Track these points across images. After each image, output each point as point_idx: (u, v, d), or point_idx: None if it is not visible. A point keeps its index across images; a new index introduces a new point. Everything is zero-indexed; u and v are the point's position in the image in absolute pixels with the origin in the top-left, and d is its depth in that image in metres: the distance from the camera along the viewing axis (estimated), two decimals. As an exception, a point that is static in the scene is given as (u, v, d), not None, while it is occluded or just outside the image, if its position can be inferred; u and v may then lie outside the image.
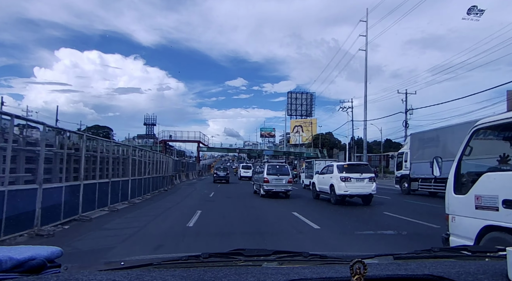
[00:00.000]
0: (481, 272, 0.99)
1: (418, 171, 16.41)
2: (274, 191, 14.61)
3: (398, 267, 1.05)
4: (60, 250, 0.97)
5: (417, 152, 16.98)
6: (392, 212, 10.81)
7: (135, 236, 6.76)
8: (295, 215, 9.83)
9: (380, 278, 0.95)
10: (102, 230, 7.24)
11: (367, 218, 9.61)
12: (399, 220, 9.37)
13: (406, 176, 18.13)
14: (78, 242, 6.06)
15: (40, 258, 0.87)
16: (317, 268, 1.02)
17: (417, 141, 17.30)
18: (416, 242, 6.24)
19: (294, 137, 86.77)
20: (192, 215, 9.12)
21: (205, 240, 6.51)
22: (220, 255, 1.18)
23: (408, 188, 17.86)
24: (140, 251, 5.14)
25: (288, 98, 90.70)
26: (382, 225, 8.33)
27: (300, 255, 1.19)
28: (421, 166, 15.78)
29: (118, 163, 11.96)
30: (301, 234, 7.30)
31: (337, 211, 11.27)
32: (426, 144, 16.07)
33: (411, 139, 18.13)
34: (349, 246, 6.15)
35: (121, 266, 1.04)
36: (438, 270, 0.99)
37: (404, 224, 8.63)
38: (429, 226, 8.11)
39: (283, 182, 14.92)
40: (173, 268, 1.02)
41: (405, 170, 18.18)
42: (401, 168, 18.78)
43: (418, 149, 17.12)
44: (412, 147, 17.60)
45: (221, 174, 28.06)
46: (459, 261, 1.18)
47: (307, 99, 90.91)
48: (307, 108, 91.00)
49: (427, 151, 15.42)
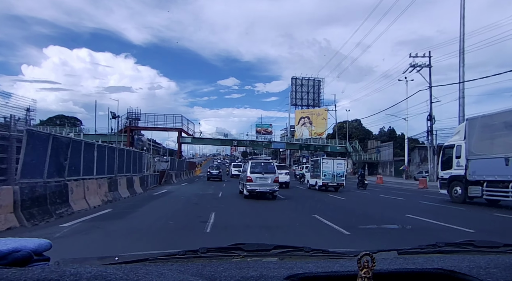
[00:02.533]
0: (492, 266, 0.98)
1: (482, 170, 12.88)
2: (258, 191, 13.73)
3: (406, 261, 1.04)
4: (49, 242, 0.92)
5: (480, 144, 13.08)
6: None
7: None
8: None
9: (390, 272, 0.94)
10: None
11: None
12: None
13: (460, 178, 13.91)
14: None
15: (25, 250, 0.82)
16: (321, 263, 1.00)
17: (479, 129, 13.20)
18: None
19: (300, 130, 73.87)
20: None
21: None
22: (219, 249, 1.17)
23: (463, 194, 13.77)
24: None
25: (292, 84, 77.42)
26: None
27: (302, 250, 1.19)
28: (488, 164, 12.58)
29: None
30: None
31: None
32: (496, 132, 12.39)
33: (469, 126, 13.68)
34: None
35: (116, 261, 1.06)
36: (447, 264, 0.98)
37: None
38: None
39: (269, 181, 13.92)
40: (170, 263, 1.03)
41: (458, 170, 14.07)
42: (449, 167, 14.61)
43: (481, 140, 13.10)
44: (470, 137, 13.49)
45: (214, 173, 29.98)
46: (466, 255, 1.16)
47: (314, 86, 77.50)
48: (314, 96, 77.96)
49: (499, 142, 12.18)
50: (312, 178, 21.08)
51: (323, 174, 19.30)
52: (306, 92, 76.52)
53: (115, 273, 0.69)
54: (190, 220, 8.44)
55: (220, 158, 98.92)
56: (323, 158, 20.79)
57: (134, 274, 0.70)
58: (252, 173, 13.93)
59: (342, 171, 19.58)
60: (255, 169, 14.11)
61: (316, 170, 20.16)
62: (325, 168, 19.37)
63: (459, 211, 11.52)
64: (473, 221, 9.69)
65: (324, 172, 19.31)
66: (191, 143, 54.86)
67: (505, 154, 11.83)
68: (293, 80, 76.60)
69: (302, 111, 76.41)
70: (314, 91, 76.40)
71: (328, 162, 19.54)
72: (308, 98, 76.52)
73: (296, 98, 76.25)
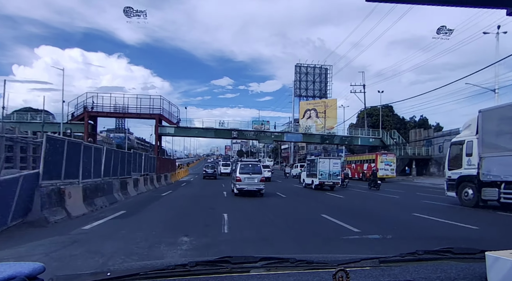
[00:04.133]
0: (461, 276, 1.07)
1: (500, 169, 11.38)
2: (247, 189, 15.51)
3: (382, 273, 1.11)
4: (42, 265, 0.96)
5: (496, 139, 11.52)
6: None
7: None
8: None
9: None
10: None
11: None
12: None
13: (471, 179, 12.55)
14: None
15: (20, 276, 0.86)
16: (302, 275, 1.09)
17: (496, 121, 11.64)
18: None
19: (305, 124, 65.19)
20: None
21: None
22: (206, 263, 1.23)
23: (475, 197, 12.37)
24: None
25: (296, 73, 69.07)
26: None
27: (287, 261, 1.25)
28: (507, 162, 11.02)
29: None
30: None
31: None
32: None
33: (483, 118, 12.11)
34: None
35: (108, 277, 1.09)
36: (420, 276, 1.07)
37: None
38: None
39: (255, 181, 15.76)
40: (160, 278, 1.10)
41: (469, 169, 12.73)
42: (458, 166, 13.27)
43: (499, 134, 11.49)
44: (484, 131, 11.98)
45: (209, 171, 32.67)
46: (441, 264, 1.24)
47: (320, 74, 68.92)
48: (320, 86, 69.57)
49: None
50: (308, 177, 22.06)
51: (319, 173, 20.21)
52: (312, 81, 67.94)
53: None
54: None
55: (214, 157, 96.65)
56: (319, 158, 21.95)
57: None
58: (240, 174, 15.79)
59: (338, 170, 20.62)
60: (244, 170, 16.01)
61: (313, 170, 21.24)
62: (322, 167, 20.29)
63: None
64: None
65: (321, 171, 20.22)
66: (174, 134, 42.14)
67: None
68: (297, 68, 68.10)
69: (308, 102, 68.05)
70: (321, 80, 67.88)
71: (324, 161, 20.58)
72: (314, 88, 68.00)
73: (300, 88, 67.59)
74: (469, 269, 1.12)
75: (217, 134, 42.85)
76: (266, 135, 44.80)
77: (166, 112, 38.20)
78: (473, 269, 1.11)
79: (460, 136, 13.56)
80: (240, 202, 13.57)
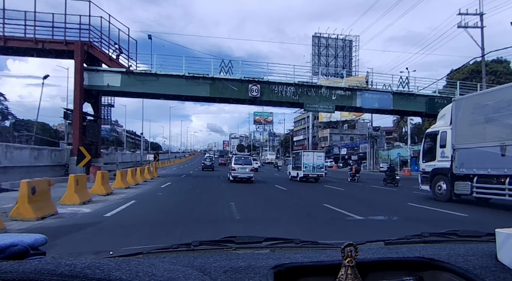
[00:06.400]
0: (470, 254, 1.09)
1: (472, 162, 11.22)
2: (240, 177, 19.88)
3: (389, 251, 1.16)
4: (45, 237, 0.99)
5: (469, 130, 11.39)
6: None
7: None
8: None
9: (372, 261, 1.05)
10: None
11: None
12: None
13: (445, 172, 12.33)
14: None
15: (22, 245, 0.89)
16: (308, 253, 1.12)
17: (469, 111, 11.48)
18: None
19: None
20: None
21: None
22: (210, 242, 1.28)
23: (448, 191, 12.19)
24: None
25: (314, 46, 55.84)
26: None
27: (292, 242, 1.31)
28: (479, 154, 10.85)
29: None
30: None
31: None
32: (491, 114, 10.62)
33: (457, 108, 11.97)
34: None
35: (110, 255, 1.14)
36: (428, 253, 1.10)
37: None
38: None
39: (247, 170, 20.03)
40: (163, 255, 1.12)
41: (442, 161, 12.48)
42: (432, 158, 13.05)
43: (472, 124, 11.33)
44: (458, 121, 11.88)
45: (207, 164, 37.56)
46: (449, 244, 1.30)
47: (344, 47, 56.01)
48: (344, 62, 56.20)
49: (493, 127, 10.43)
50: (294, 170, 23.80)
51: (304, 166, 21.49)
52: (334, 56, 55.20)
53: (108, 264, 0.77)
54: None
55: (211, 152, 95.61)
56: (304, 151, 23.33)
57: (126, 265, 0.78)
58: (235, 164, 20.16)
59: (322, 163, 22.05)
60: (237, 162, 20.40)
61: (297, 162, 22.88)
62: (306, 160, 21.54)
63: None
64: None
65: (305, 164, 21.44)
66: (121, 91, 21.51)
67: (501, 141, 9.14)
68: (315, 39, 55.38)
69: (330, 81, 56.35)
70: (344, 54, 55.28)
71: (308, 154, 22.16)
72: (336, 65, 55.15)
73: (319, 65, 53.86)
74: (478, 248, 1.16)
75: (213, 90, 21.92)
76: (320, 94, 23.47)
77: (97, 44, 20.78)
78: (482, 248, 1.16)
79: (434, 126, 14.18)
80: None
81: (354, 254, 0.90)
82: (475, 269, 0.98)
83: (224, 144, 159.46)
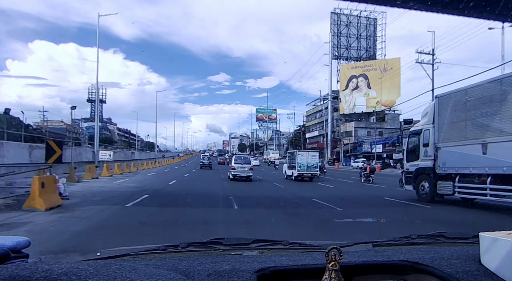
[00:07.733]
0: (454, 257, 1.12)
1: (454, 161, 10.97)
2: (239, 175, 21.15)
3: (375, 254, 1.19)
4: (27, 240, 1.01)
5: (451, 128, 11.18)
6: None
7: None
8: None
9: (356, 265, 1.07)
10: None
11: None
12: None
13: (428, 171, 12.14)
14: None
15: (3, 248, 0.89)
16: (294, 256, 1.16)
17: (451, 108, 11.21)
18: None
19: (349, 98, 44.27)
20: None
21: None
22: (198, 244, 1.30)
23: (431, 190, 11.95)
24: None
25: (332, 24, 48.27)
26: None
27: (280, 244, 1.33)
28: (461, 152, 10.59)
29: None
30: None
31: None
32: (472, 111, 10.37)
33: (439, 105, 11.75)
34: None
35: (97, 257, 1.17)
36: (413, 256, 1.13)
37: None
38: None
39: (246, 169, 21.25)
40: (149, 258, 1.14)
41: (425, 161, 12.30)
42: (416, 158, 12.82)
43: (453, 122, 11.09)
44: (440, 119, 11.70)
45: (206, 162, 39.98)
46: (434, 247, 1.33)
47: (367, 26, 48.31)
48: (367, 43, 48.70)
49: (475, 124, 10.17)
50: (289, 169, 24.93)
51: (298, 165, 22.29)
52: (356, 36, 47.46)
53: (86, 269, 0.77)
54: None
55: (210, 152, 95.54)
56: (298, 151, 24.38)
57: (105, 270, 0.79)
58: (235, 164, 21.41)
59: (316, 163, 22.98)
60: (237, 161, 21.66)
61: (292, 162, 24.01)
62: (300, 160, 22.30)
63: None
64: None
65: (300, 164, 22.20)
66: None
67: (482, 139, 8.76)
68: (333, 16, 48.01)
69: (352, 65, 47.17)
70: (368, 34, 47.63)
71: (303, 154, 23.08)
72: (359, 47, 47.40)
73: (339, 47, 47.02)
74: (462, 251, 1.21)
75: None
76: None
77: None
78: (467, 251, 1.21)
79: (418, 125, 14.36)
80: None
81: (338, 257, 0.92)
82: (457, 273, 1.01)
83: (224, 144, 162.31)
